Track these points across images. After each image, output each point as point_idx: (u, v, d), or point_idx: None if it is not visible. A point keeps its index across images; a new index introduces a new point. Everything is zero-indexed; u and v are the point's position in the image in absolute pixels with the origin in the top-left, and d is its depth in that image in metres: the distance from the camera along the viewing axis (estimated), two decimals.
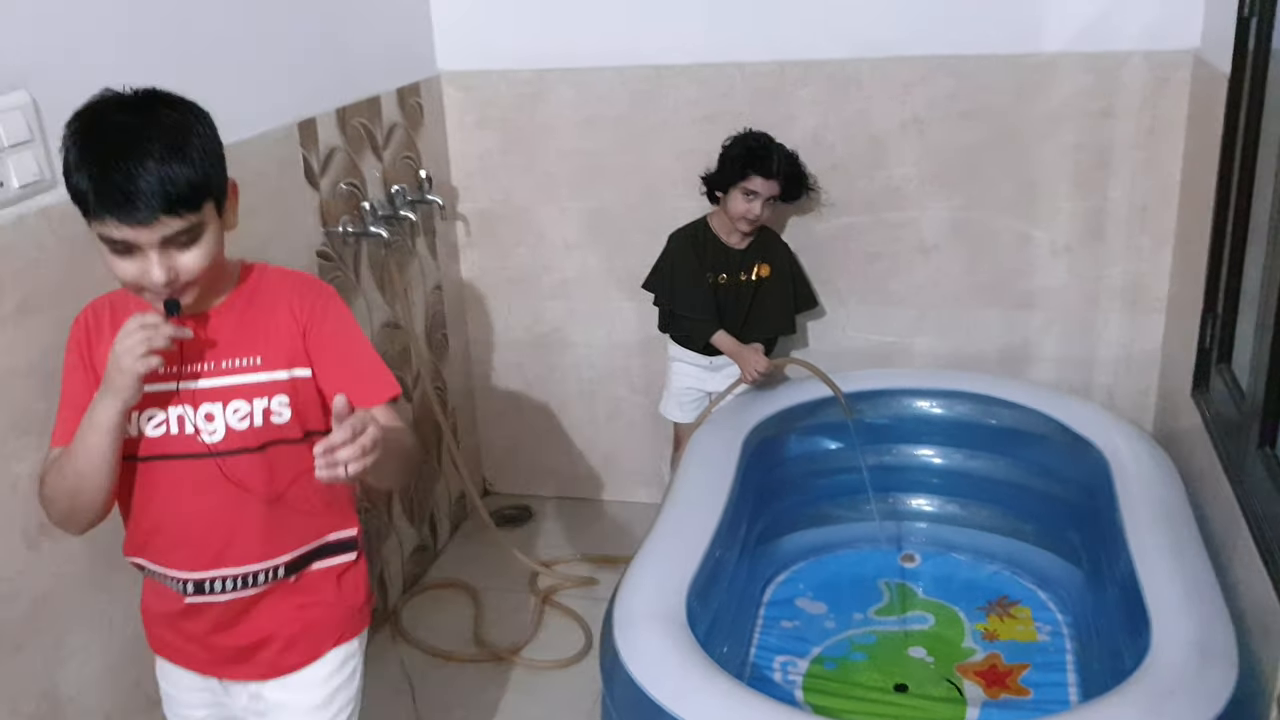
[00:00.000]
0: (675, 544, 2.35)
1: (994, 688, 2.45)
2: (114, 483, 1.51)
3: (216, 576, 1.58)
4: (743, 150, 2.80)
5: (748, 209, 2.80)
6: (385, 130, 2.81)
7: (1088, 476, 2.56)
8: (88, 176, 1.36)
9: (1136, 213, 2.85)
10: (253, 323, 1.57)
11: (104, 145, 1.36)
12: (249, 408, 1.54)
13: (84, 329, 1.57)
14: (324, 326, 1.59)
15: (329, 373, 1.58)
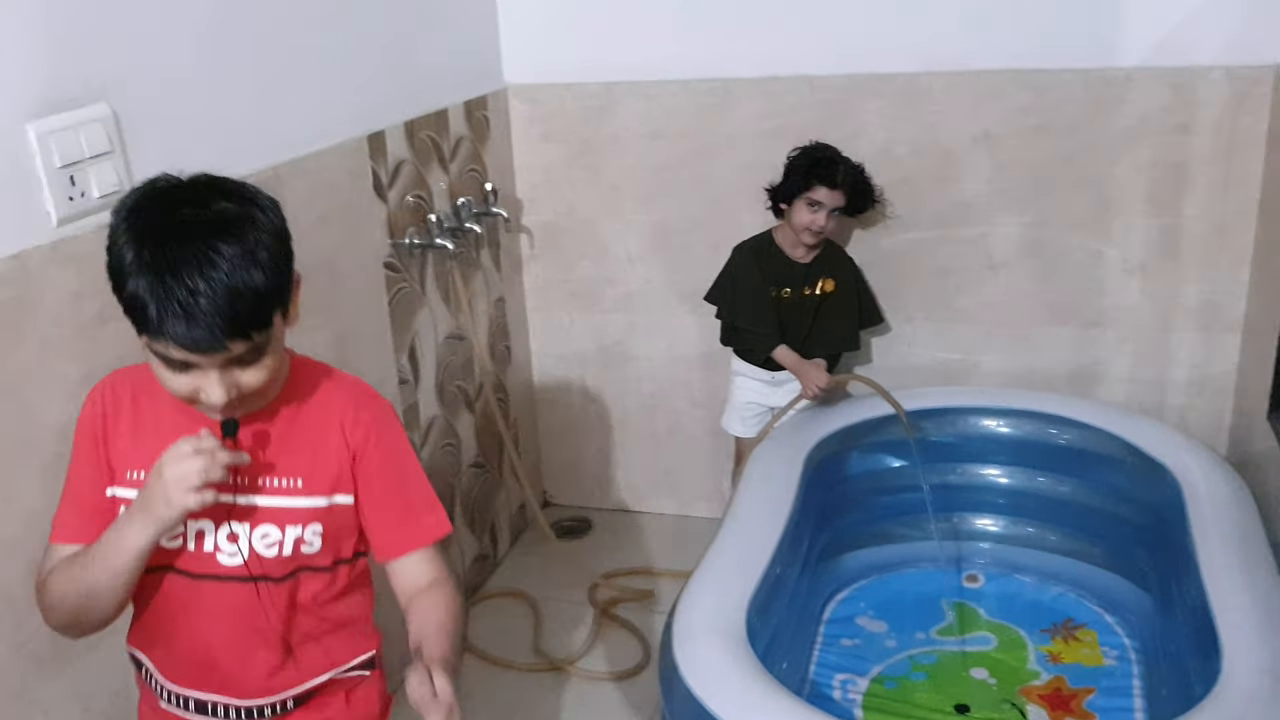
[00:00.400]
0: (736, 559, 2.34)
1: (1058, 711, 2.41)
2: (129, 597, 1.37)
3: (219, 702, 1.43)
4: (808, 160, 2.79)
5: (812, 220, 2.78)
6: (452, 143, 2.85)
7: (1159, 499, 2.50)
8: (148, 290, 1.18)
9: (1213, 231, 2.78)
10: (299, 436, 1.40)
11: (166, 253, 1.18)
12: (280, 535, 1.38)
13: (100, 409, 1.39)
14: (377, 452, 1.42)
15: (375, 506, 1.43)
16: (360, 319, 2.48)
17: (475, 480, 3.10)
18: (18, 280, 1.63)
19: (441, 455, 2.89)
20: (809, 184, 2.77)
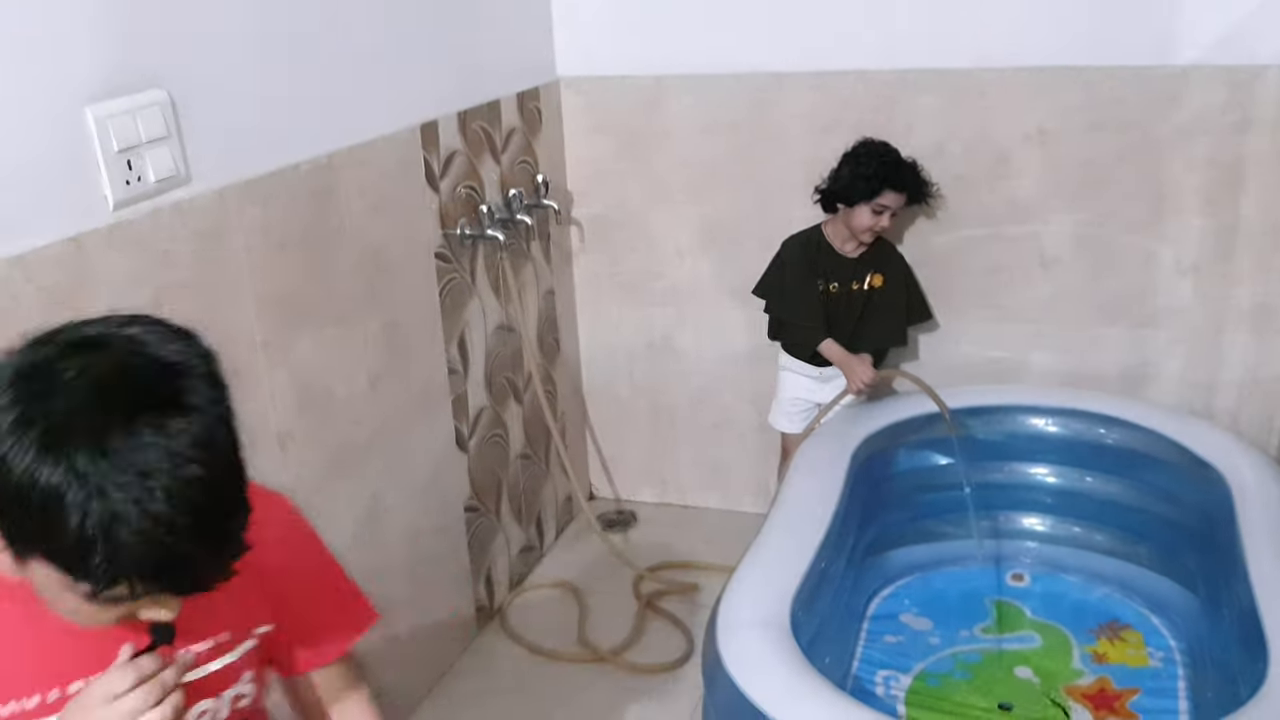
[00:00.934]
0: (781, 553, 2.35)
1: (1101, 711, 2.39)
2: None
3: None
4: (877, 167, 2.77)
5: (875, 222, 2.79)
6: (504, 134, 2.88)
7: (1208, 501, 2.48)
8: (79, 535, 0.87)
9: (1269, 232, 2.74)
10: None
11: (115, 479, 0.88)
12: (215, 705, 1.18)
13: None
14: (290, 566, 1.24)
15: (296, 625, 1.27)
16: (410, 309, 2.52)
17: (522, 472, 3.14)
18: (75, 263, 1.66)
19: (489, 446, 2.93)
20: (878, 189, 2.76)
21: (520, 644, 2.90)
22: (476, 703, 2.69)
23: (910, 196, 2.81)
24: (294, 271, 2.11)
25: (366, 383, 2.36)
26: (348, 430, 2.31)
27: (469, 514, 2.83)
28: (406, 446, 2.53)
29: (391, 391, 2.45)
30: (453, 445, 2.73)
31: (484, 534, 2.93)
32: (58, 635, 1.03)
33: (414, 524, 2.58)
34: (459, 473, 2.78)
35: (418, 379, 2.55)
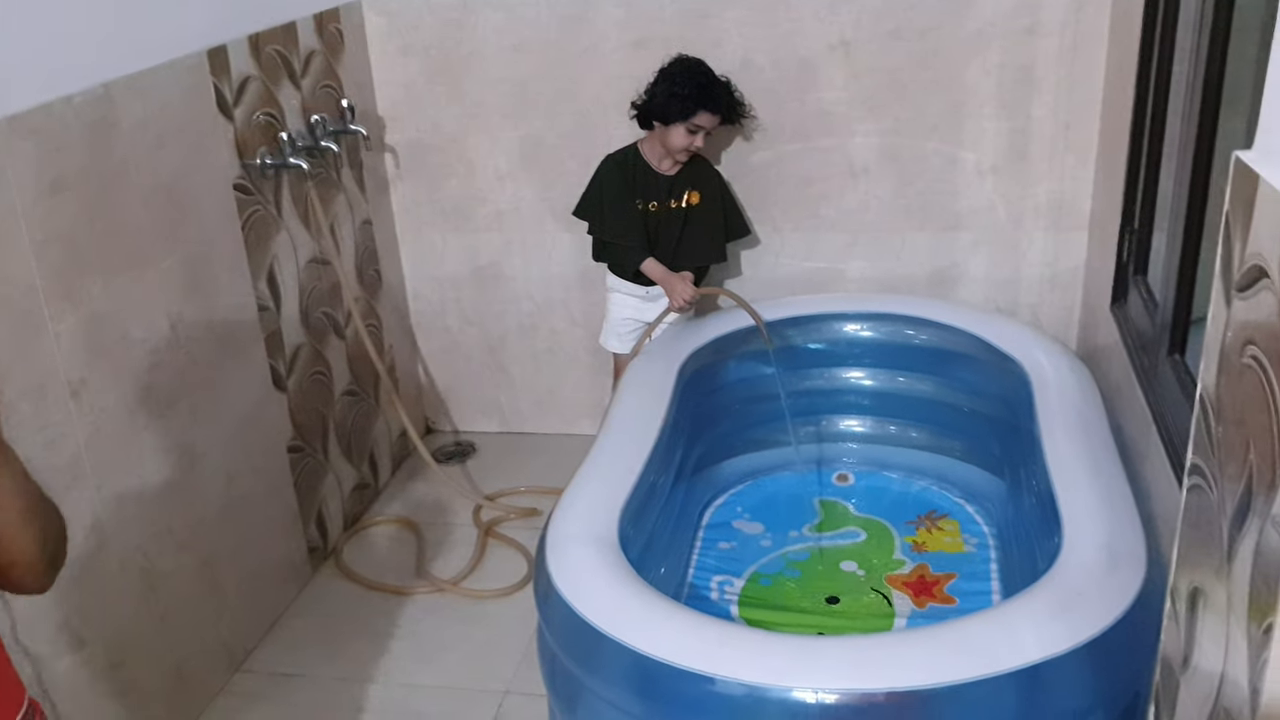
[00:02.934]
0: (609, 470, 2.36)
1: (921, 597, 2.51)
2: None
3: None
4: (691, 87, 2.75)
5: (690, 141, 2.79)
6: (303, 58, 2.76)
7: (1010, 392, 2.60)
8: None
9: (1060, 130, 2.86)
10: None
11: None
12: None
13: None
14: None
15: None
16: (211, 245, 2.41)
17: (350, 409, 3.07)
18: None
19: (311, 385, 2.85)
20: (692, 110, 2.75)
21: (356, 581, 2.86)
22: (314, 642, 2.65)
23: (724, 117, 2.82)
24: (74, 210, 1.99)
25: (167, 324, 2.26)
26: (150, 375, 2.21)
27: (293, 455, 2.76)
28: (218, 389, 2.44)
29: (196, 332, 2.35)
30: (269, 385, 2.65)
31: (311, 474, 2.86)
32: None
33: (233, 469, 2.50)
34: (279, 413, 2.70)
35: (224, 318, 2.46)
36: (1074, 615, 1.72)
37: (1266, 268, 1.01)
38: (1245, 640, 1.05)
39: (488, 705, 2.42)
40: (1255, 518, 1.03)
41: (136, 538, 2.19)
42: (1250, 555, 1.04)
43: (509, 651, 2.57)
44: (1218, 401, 1.15)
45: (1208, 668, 1.17)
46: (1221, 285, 1.15)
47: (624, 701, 1.81)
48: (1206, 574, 1.18)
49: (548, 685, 2.08)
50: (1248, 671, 1.04)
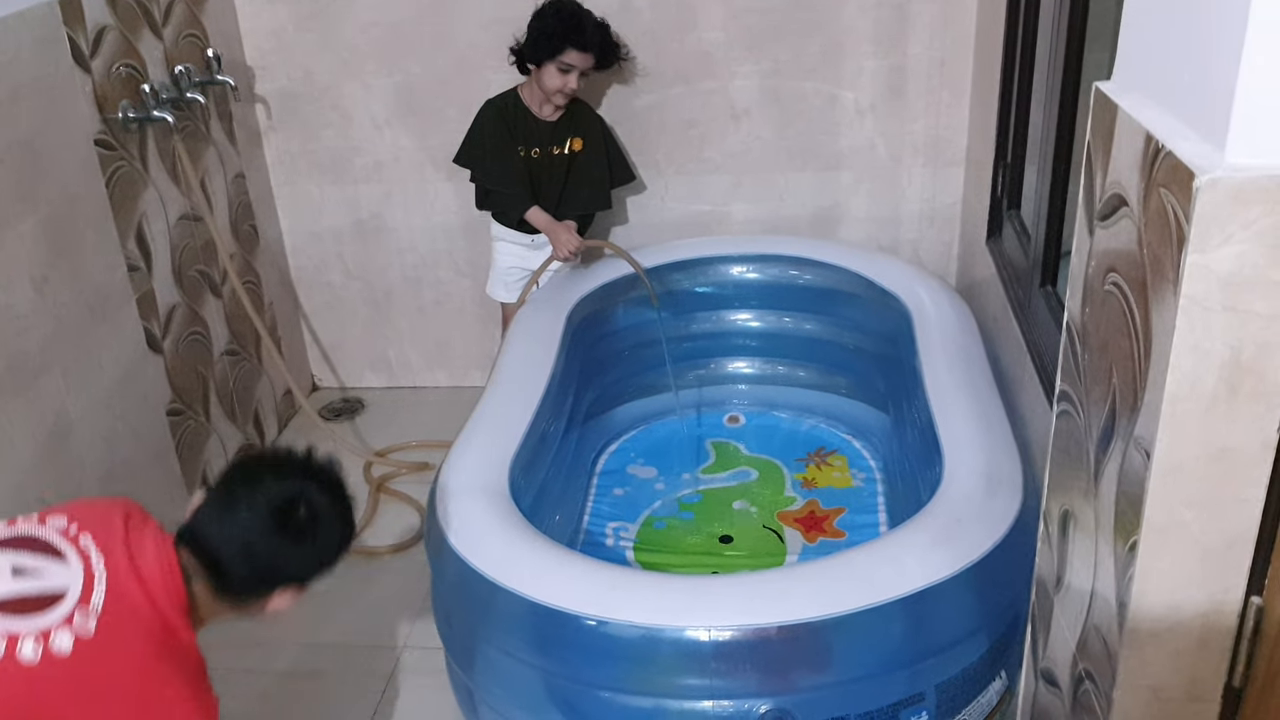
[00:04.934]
0: (498, 421, 2.35)
1: (812, 532, 2.57)
2: None
3: None
4: (557, 24, 2.71)
5: (564, 83, 2.74)
6: (163, 6, 2.64)
7: (893, 329, 2.66)
8: None
9: (935, 68, 2.91)
10: None
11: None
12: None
13: None
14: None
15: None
16: (73, 204, 2.30)
17: (231, 369, 2.99)
18: None
19: (188, 345, 2.76)
20: (560, 48, 2.71)
21: None
22: None
23: (598, 58, 2.78)
24: None
25: (30, 288, 2.16)
26: (14, 342, 2.11)
27: (173, 418, 2.68)
28: (89, 353, 2.35)
29: (62, 295, 2.26)
30: (144, 347, 2.56)
31: (193, 437, 2.78)
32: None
33: (109, 435, 2.42)
34: (155, 376, 2.61)
35: (91, 279, 2.36)
36: (954, 542, 1.78)
37: (1126, 196, 1.04)
38: (1112, 558, 1.09)
39: (386, 660, 2.40)
40: (1119, 440, 1.07)
41: (8, 511, 2.09)
42: (1115, 476, 1.08)
43: (405, 606, 2.55)
44: (1083, 329, 1.19)
45: (1079, 586, 1.21)
46: (1084, 215, 1.18)
47: (520, 650, 1.82)
48: (1076, 496, 1.22)
49: (444, 637, 2.08)
50: (1115, 588, 1.08)
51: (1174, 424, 0.96)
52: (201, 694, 1.44)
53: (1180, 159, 0.90)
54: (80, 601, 1.34)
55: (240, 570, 1.49)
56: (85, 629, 1.33)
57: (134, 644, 1.36)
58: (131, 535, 1.44)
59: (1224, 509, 0.99)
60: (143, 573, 1.40)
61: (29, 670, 1.29)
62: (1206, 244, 0.88)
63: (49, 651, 1.30)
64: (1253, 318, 0.91)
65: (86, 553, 1.39)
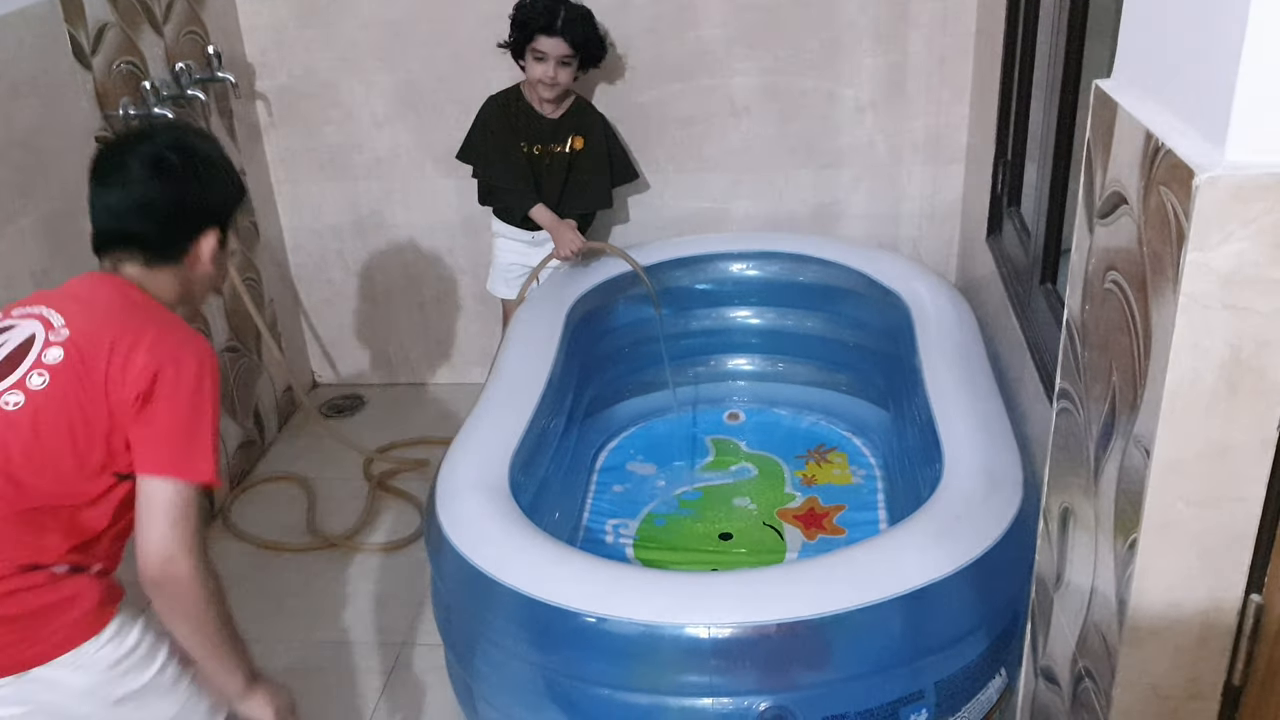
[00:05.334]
0: (498, 418, 2.35)
1: (812, 529, 2.57)
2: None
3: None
4: (530, 12, 2.71)
5: (543, 72, 2.73)
6: (164, 4, 2.64)
7: (892, 326, 2.66)
8: None
9: (935, 65, 2.90)
10: None
11: None
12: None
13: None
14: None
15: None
16: (74, 200, 2.28)
17: (232, 365, 2.99)
18: None
19: None
20: (531, 35, 2.71)
21: (246, 541, 2.80)
22: None
23: (575, 46, 2.74)
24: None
25: (31, 283, 2.16)
26: None
27: None
28: None
29: None
30: None
31: None
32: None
33: None
34: None
35: None
36: (954, 540, 1.78)
37: (1125, 194, 1.04)
38: (1112, 556, 1.10)
39: (386, 657, 2.41)
40: (1119, 438, 1.07)
41: None
42: (1115, 474, 1.08)
43: (405, 603, 2.55)
44: (1083, 327, 1.19)
45: (1079, 584, 1.22)
46: (1084, 213, 1.18)
47: (520, 647, 1.82)
48: (1076, 494, 1.22)
49: (443, 634, 2.08)
50: (1115, 585, 1.08)
51: (1174, 422, 0.96)
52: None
53: (1180, 157, 0.91)
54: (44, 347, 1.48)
55: (149, 229, 1.56)
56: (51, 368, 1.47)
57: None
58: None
59: (1224, 507, 0.99)
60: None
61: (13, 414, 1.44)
62: (1206, 242, 0.88)
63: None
64: (1252, 315, 0.91)
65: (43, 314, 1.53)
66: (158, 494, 1.44)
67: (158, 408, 1.45)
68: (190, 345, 1.51)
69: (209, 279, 1.64)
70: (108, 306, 1.52)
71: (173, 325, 1.54)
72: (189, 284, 1.61)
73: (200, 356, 1.50)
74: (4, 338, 1.50)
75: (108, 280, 1.57)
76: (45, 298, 1.55)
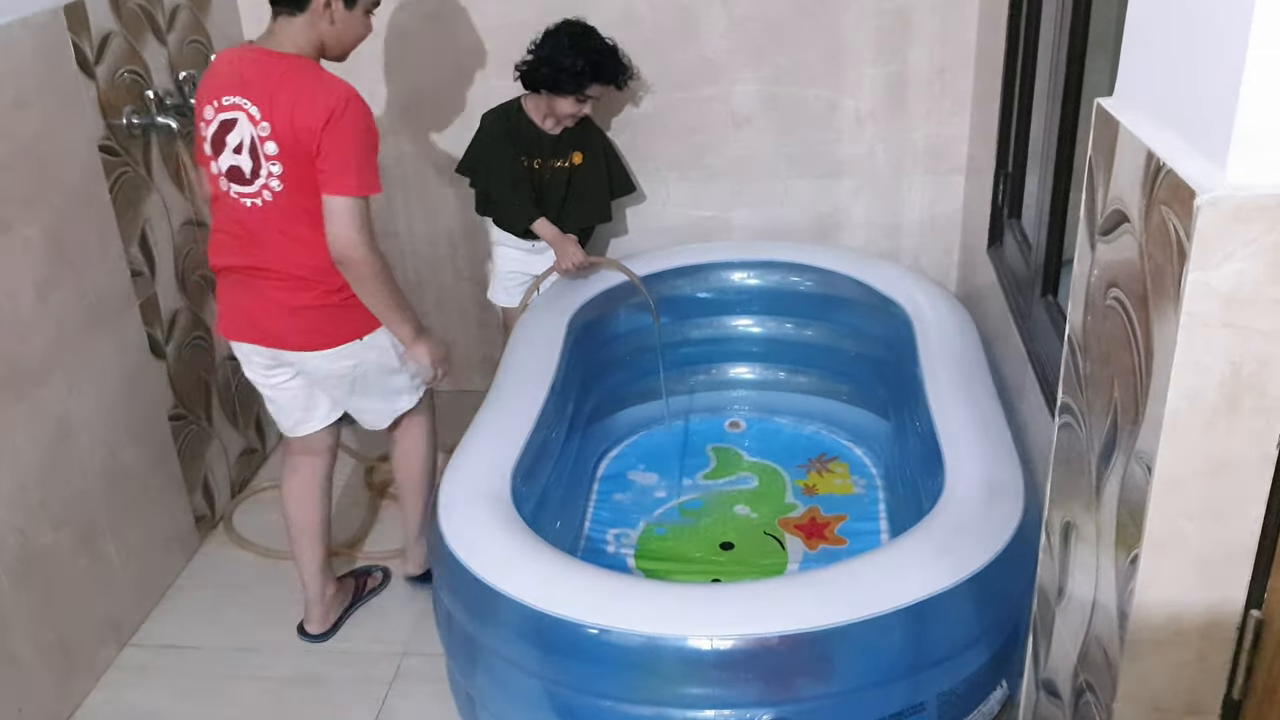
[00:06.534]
0: (500, 427, 2.36)
1: (813, 539, 2.57)
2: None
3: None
4: (585, 64, 2.69)
5: (579, 109, 2.76)
6: (168, 12, 2.65)
7: (893, 335, 2.66)
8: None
9: (936, 77, 2.91)
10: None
11: None
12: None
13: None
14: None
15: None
16: (77, 209, 2.31)
17: (233, 374, 2.99)
18: None
19: (191, 350, 2.77)
20: (586, 84, 2.71)
21: (247, 549, 2.81)
22: (205, 613, 2.60)
23: (618, 85, 2.80)
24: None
25: (34, 293, 2.17)
26: (17, 347, 2.12)
27: (175, 423, 2.69)
28: (92, 359, 2.36)
29: (65, 300, 2.26)
30: (146, 353, 2.57)
31: (195, 442, 2.79)
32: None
33: (111, 441, 2.42)
34: (158, 381, 2.62)
35: (94, 284, 2.36)
36: (956, 552, 1.79)
37: (1127, 212, 1.05)
38: (1114, 570, 1.10)
39: (387, 666, 2.41)
40: (1120, 453, 1.07)
41: (11, 515, 2.11)
42: (1117, 489, 1.09)
43: (406, 612, 2.55)
44: (1085, 342, 1.20)
45: (1081, 597, 1.22)
46: (1086, 229, 1.19)
47: (521, 657, 1.83)
48: (1077, 508, 1.23)
49: (445, 644, 2.09)
50: (1116, 599, 1.09)
51: (1175, 438, 0.96)
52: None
53: (1181, 177, 0.91)
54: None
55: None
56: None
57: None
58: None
59: (1224, 523, 0.99)
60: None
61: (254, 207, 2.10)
62: (1207, 261, 0.89)
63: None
64: (1253, 334, 0.91)
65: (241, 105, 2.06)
66: (333, 205, 2.03)
67: (327, 146, 2.00)
68: (337, 90, 2.01)
69: (336, 34, 2.09)
70: (277, 81, 2.02)
71: (318, 77, 2.04)
72: (321, 35, 2.08)
73: (348, 97, 2.01)
74: (233, 136, 2.06)
75: (266, 56, 2.07)
76: (235, 86, 2.06)
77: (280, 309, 2.16)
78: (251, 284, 2.17)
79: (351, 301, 2.15)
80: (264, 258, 2.13)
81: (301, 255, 2.11)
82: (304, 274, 2.13)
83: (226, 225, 2.17)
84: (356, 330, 2.21)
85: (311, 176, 2.03)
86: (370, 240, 2.07)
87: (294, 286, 2.13)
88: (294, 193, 2.06)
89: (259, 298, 2.17)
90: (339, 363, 2.23)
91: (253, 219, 2.11)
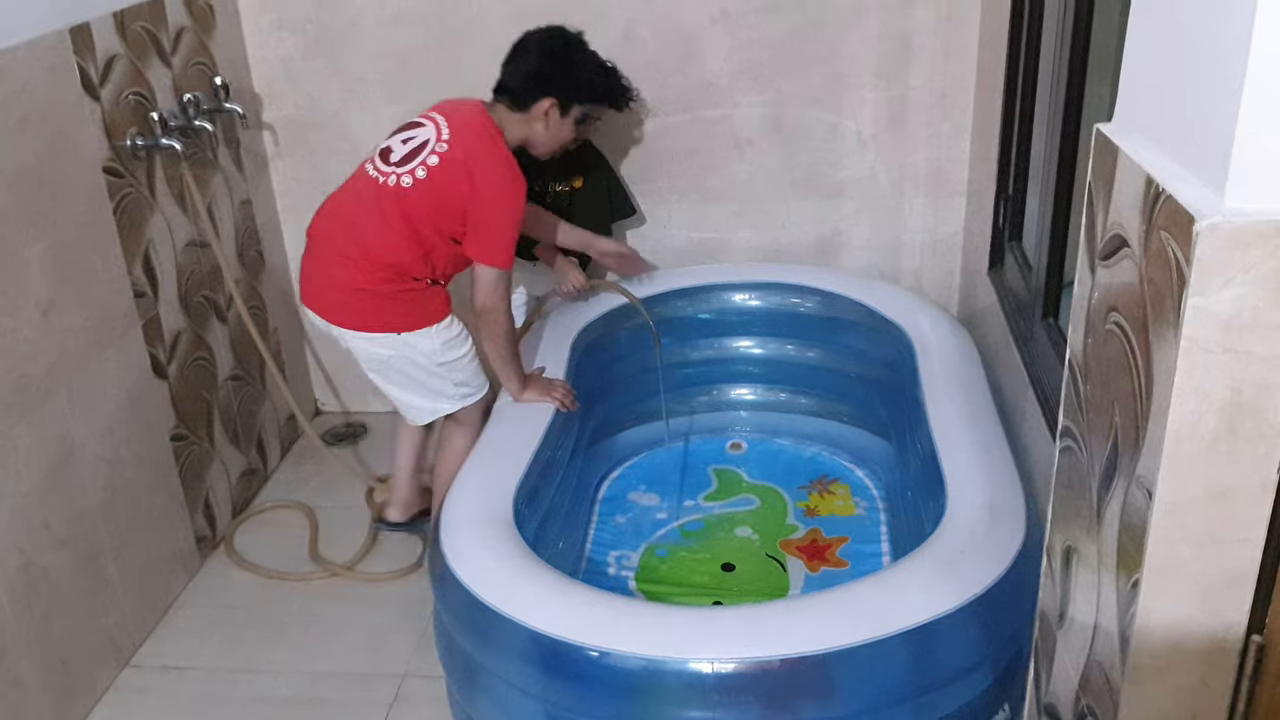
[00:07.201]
0: (502, 449, 2.36)
1: (814, 561, 2.57)
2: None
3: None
4: (604, 91, 2.61)
5: (581, 132, 2.74)
6: (172, 35, 2.66)
7: (894, 357, 2.67)
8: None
9: (937, 99, 2.93)
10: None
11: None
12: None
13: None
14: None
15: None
16: (81, 229, 2.32)
17: (235, 394, 3.00)
18: None
19: (193, 370, 2.77)
20: (598, 112, 2.67)
21: (248, 569, 2.80)
22: (206, 633, 2.60)
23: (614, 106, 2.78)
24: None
25: (37, 313, 2.18)
26: (20, 367, 2.13)
27: (176, 443, 2.69)
28: (94, 378, 2.36)
29: (68, 320, 2.27)
30: (149, 373, 2.57)
31: (196, 462, 2.79)
32: None
33: (113, 460, 2.43)
34: (160, 401, 2.62)
35: (97, 304, 2.37)
36: (958, 575, 1.78)
37: (1127, 237, 1.05)
38: (1115, 594, 1.10)
39: (387, 689, 2.40)
40: (1121, 477, 1.07)
41: (12, 535, 2.11)
42: (1118, 513, 1.09)
43: (407, 634, 2.55)
44: (1085, 365, 1.20)
45: (1082, 621, 1.22)
46: (1086, 254, 1.20)
47: (522, 679, 1.82)
48: (1079, 532, 1.23)
49: (445, 666, 2.08)
50: (1118, 623, 1.09)
51: (1175, 463, 0.97)
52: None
53: (1180, 203, 0.92)
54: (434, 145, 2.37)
55: (513, 82, 2.42)
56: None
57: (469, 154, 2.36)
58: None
59: (1225, 548, 0.99)
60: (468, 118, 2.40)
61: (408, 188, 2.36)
62: (1207, 287, 0.89)
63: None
64: (1253, 360, 0.92)
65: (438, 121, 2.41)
66: (482, 271, 2.38)
67: (482, 217, 2.32)
68: (510, 180, 2.33)
69: (545, 136, 2.43)
70: (475, 133, 2.35)
71: (507, 163, 2.34)
72: (531, 132, 2.42)
73: (517, 190, 2.33)
74: (413, 134, 2.41)
75: (482, 113, 2.39)
76: (449, 109, 2.43)
77: (338, 288, 2.41)
78: (326, 260, 2.42)
79: (402, 298, 2.40)
80: (351, 238, 2.38)
81: (385, 241, 2.35)
82: (372, 261, 2.36)
83: (339, 197, 2.48)
84: (396, 326, 2.42)
85: (446, 207, 2.33)
86: (508, 304, 2.42)
87: (356, 268, 2.38)
88: (418, 198, 2.33)
89: (325, 275, 2.43)
90: (375, 348, 2.46)
91: (369, 192, 2.38)
